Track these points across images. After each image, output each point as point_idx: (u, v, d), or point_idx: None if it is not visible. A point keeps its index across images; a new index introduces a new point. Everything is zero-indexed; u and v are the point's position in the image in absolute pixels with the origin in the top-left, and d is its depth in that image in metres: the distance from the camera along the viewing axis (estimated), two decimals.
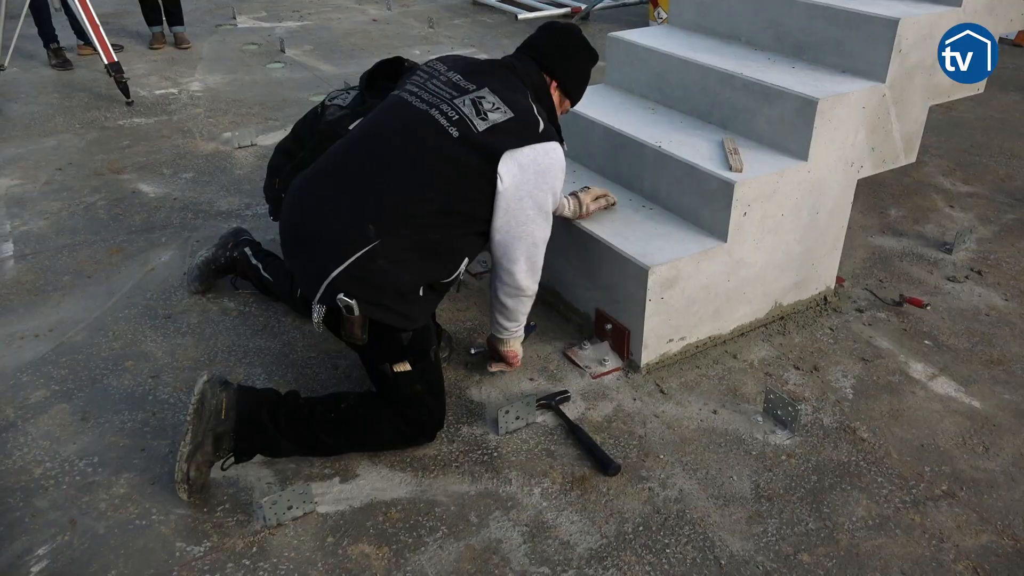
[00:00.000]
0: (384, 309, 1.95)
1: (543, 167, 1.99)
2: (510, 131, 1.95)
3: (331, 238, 1.94)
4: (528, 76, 2.13)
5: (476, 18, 7.15)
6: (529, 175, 1.97)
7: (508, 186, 1.95)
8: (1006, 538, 1.93)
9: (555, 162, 2.02)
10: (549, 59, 2.19)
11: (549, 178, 2.01)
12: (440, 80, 2.07)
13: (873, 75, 2.56)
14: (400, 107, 2.06)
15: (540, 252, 2.11)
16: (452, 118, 1.95)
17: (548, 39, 2.22)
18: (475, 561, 1.86)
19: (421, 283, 2.00)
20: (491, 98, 1.99)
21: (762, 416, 2.32)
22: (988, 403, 2.38)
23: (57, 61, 5.56)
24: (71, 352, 2.59)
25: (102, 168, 3.98)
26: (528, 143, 1.96)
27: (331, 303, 1.93)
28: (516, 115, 1.97)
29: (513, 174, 1.95)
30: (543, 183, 2.00)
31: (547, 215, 2.06)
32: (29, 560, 1.86)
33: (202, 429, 1.94)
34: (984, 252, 3.21)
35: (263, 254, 2.81)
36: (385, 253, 1.91)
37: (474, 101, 1.98)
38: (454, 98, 1.99)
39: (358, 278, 1.91)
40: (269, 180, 2.90)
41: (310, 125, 2.79)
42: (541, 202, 2.02)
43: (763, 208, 2.45)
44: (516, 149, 1.94)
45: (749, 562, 1.86)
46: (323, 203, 2.00)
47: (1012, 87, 5.13)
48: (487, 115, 1.96)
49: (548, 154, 2.00)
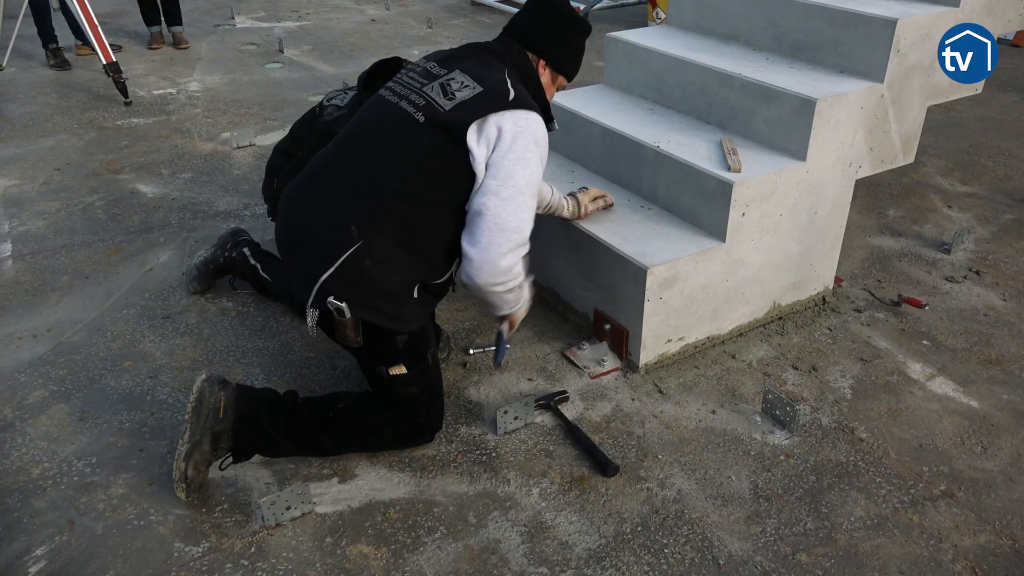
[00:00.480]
0: (375, 311, 1.93)
1: (514, 133, 1.85)
2: (475, 103, 1.87)
3: (319, 241, 1.93)
4: (509, 56, 2.05)
5: (475, 18, 7.15)
6: (504, 141, 1.84)
7: (479, 156, 1.85)
8: (1004, 538, 1.93)
9: (528, 130, 1.87)
10: (532, 36, 2.09)
11: (520, 146, 1.85)
12: (415, 72, 2.04)
13: (871, 75, 2.56)
14: (377, 104, 2.06)
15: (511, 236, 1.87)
16: (419, 104, 1.92)
17: (529, 16, 2.12)
18: (474, 561, 1.86)
19: (412, 283, 1.98)
20: (460, 78, 1.94)
21: (760, 416, 2.32)
22: (986, 403, 2.38)
23: (56, 61, 5.55)
24: (69, 352, 2.59)
25: (100, 168, 3.98)
26: (495, 111, 1.85)
27: (323, 306, 1.93)
28: (485, 89, 1.90)
29: (484, 142, 1.84)
30: (513, 151, 1.85)
31: (524, 193, 1.87)
32: (27, 561, 1.86)
33: (200, 428, 1.94)
34: (982, 252, 3.21)
35: (261, 254, 2.80)
36: (370, 253, 1.89)
37: (442, 84, 1.94)
38: (423, 86, 1.96)
39: (347, 280, 1.90)
40: (268, 180, 2.89)
41: (308, 125, 2.79)
42: (521, 177, 1.85)
43: (761, 208, 2.45)
44: (482, 118, 1.84)
45: (748, 562, 1.86)
46: (311, 206, 1.99)
47: (1010, 87, 5.14)
48: (454, 95, 1.90)
49: (519, 122, 1.87)
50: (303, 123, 2.84)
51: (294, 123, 2.92)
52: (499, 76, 1.95)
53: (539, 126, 1.93)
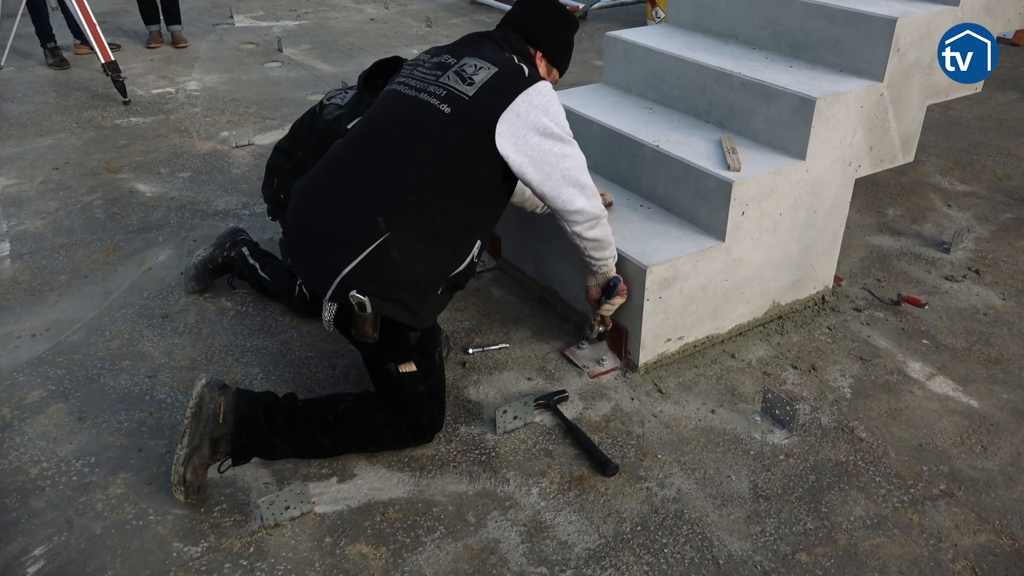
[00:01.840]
0: (397, 305, 1.94)
1: (541, 105, 1.96)
2: (497, 87, 1.95)
3: (340, 235, 1.93)
4: (509, 43, 2.13)
5: (473, 17, 7.14)
6: (530, 120, 1.94)
7: (512, 149, 1.94)
8: (1004, 537, 1.93)
9: (550, 97, 1.99)
10: (528, 29, 2.18)
11: (552, 112, 1.98)
12: (426, 66, 2.09)
13: (871, 74, 2.56)
14: (393, 98, 2.07)
15: (585, 176, 2.07)
16: (441, 95, 1.96)
17: (527, 13, 2.21)
18: (473, 561, 1.86)
19: (438, 274, 2.00)
20: (472, 61, 2.00)
21: (760, 416, 2.32)
22: (986, 402, 2.38)
23: (54, 60, 5.55)
24: (68, 352, 2.59)
25: (99, 167, 3.97)
26: (518, 92, 1.94)
27: (343, 300, 1.92)
28: (500, 68, 1.97)
29: (514, 131, 1.93)
30: (548, 118, 1.96)
31: (568, 142, 2.02)
32: (25, 561, 1.85)
33: (199, 433, 1.93)
34: (982, 251, 3.21)
35: (260, 254, 2.80)
36: (397, 245, 1.90)
37: (457, 72, 1.99)
38: (439, 77, 2.01)
39: (371, 274, 1.90)
40: (267, 180, 2.89)
41: (308, 124, 2.78)
42: (557, 134, 1.98)
43: (761, 207, 2.45)
44: (508, 107, 1.93)
45: (747, 562, 1.86)
46: (329, 201, 1.99)
47: (1010, 86, 5.14)
48: (472, 79, 1.96)
49: (541, 92, 1.97)
50: (303, 122, 2.84)
51: (294, 122, 2.91)
52: (505, 55, 2.03)
53: (551, 88, 2.02)
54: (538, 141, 1.95)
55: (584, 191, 2.06)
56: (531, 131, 1.94)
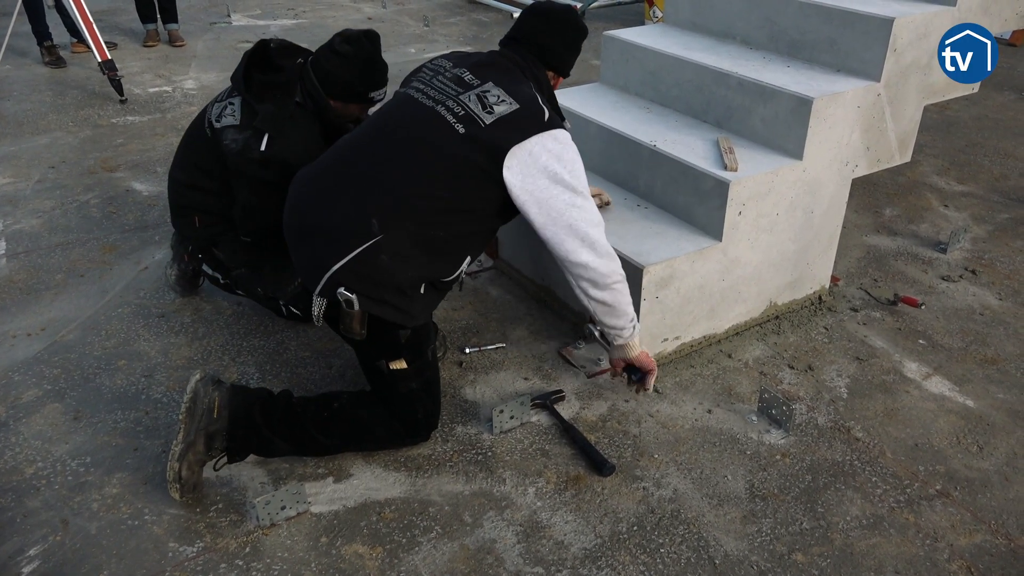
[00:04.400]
0: (383, 304, 1.94)
1: (555, 151, 1.93)
2: (515, 123, 1.93)
3: (334, 231, 1.94)
4: (530, 71, 2.12)
5: (472, 16, 7.13)
6: (542, 162, 1.92)
7: (518, 183, 1.91)
8: (1000, 537, 1.93)
9: (566, 145, 1.97)
10: (553, 55, 2.17)
11: (567, 160, 1.95)
12: (446, 76, 2.06)
13: (868, 74, 2.56)
14: (408, 104, 2.06)
15: (595, 231, 1.98)
16: (459, 114, 1.95)
17: (549, 32, 2.17)
18: (469, 561, 1.86)
19: (423, 280, 2.00)
20: (495, 91, 1.98)
21: (757, 415, 2.32)
22: (982, 402, 2.38)
23: (50, 59, 5.53)
24: (63, 351, 2.58)
25: (95, 166, 3.96)
26: (534, 133, 1.92)
27: (331, 297, 1.93)
28: (522, 106, 1.96)
29: (524, 167, 1.91)
30: (561, 165, 1.93)
31: (581, 194, 1.96)
32: (20, 561, 1.85)
33: (194, 428, 1.93)
34: (978, 251, 3.21)
35: (217, 262, 2.64)
36: (388, 248, 1.90)
37: (479, 96, 1.97)
38: (459, 94, 1.99)
39: (360, 273, 1.90)
40: (183, 219, 2.60)
41: (211, 152, 2.43)
42: (568, 183, 1.94)
43: (758, 207, 2.45)
44: (521, 143, 1.91)
45: (743, 562, 1.86)
46: (327, 197, 2.00)
47: (1007, 87, 5.15)
48: (493, 108, 1.94)
49: (557, 139, 1.95)
50: (199, 151, 2.50)
51: (182, 146, 2.62)
52: (531, 93, 2.01)
53: (569, 139, 2.00)
54: (546, 184, 1.92)
55: (593, 247, 1.97)
56: (540, 173, 1.92)
